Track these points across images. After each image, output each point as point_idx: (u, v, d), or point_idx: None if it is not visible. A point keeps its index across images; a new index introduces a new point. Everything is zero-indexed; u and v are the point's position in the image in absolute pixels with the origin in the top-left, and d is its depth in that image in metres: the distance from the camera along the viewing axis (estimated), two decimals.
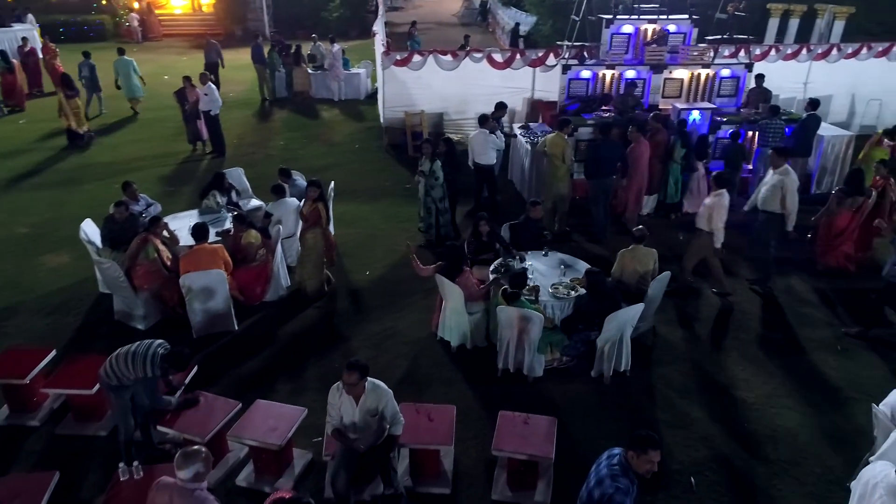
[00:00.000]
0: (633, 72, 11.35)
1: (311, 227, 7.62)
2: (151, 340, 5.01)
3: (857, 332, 7.06)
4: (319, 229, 7.67)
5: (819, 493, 5.10)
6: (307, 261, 7.75)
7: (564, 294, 6.50)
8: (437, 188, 8.73)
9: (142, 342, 5.00)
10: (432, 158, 8.62)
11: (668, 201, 9.88)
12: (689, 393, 6.22)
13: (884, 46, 13.04)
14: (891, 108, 13.58)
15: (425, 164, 8.66)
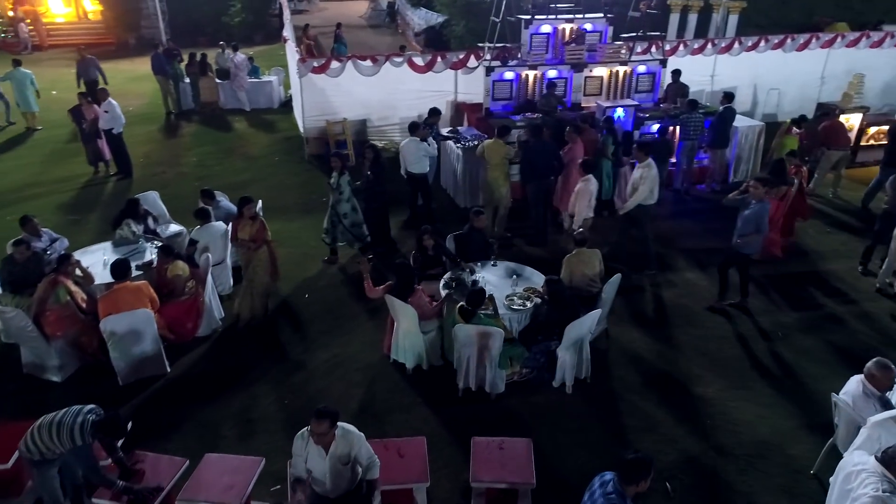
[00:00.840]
0: (554, 71, 11.41)
1: (259, 247, 7.11)
2: (80, 407, 4.40)
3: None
4: (266, 248, 7.18)
5: (787, 484, 5.20)
6: (255, 286, 7.22)
7: (521, 305, 6.35)
8: (343, 203, 8.31)
9: (68, 410, 4.38)
10: (340, 172, 8.26)
11: (603, 198, 9.96)
12: (650, 394, 6.23)
13: (779, 39, 13.79)
14: (788, 97, 14.43)
15: (333, 177, 8.30)
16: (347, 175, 8.32)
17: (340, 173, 8.28)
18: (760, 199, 7.01)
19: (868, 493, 3.36)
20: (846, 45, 14.08)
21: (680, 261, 8.69)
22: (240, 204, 7.12)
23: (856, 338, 7.04)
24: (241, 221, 7.09)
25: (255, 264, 7.11)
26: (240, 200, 7.17)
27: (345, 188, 8.29)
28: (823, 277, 8.26)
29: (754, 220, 7.02)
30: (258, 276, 7.16)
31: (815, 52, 14.05)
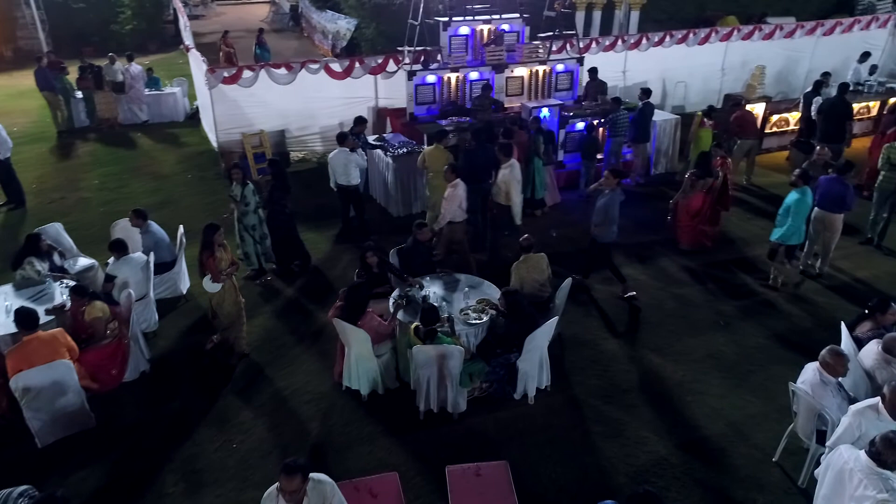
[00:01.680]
0: (476, 73, 11.34)
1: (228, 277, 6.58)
2: (7, 492, 3.79)
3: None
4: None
5: (754, 474, 5.30)
6: (237, 318, 6.69)
7: (477, 319, 6.15)
8: (250, 215, 7.98)
9: None
10: (243, 183, 7.89)
11: (536, 197, 9.96)
12: (611, 396, 6.21)
13: (682, 34, 14.37)
14: (694, 89, 15.07)
15: (235, 189, 7.90)
16: (251, 185, 7.95)
17: (243, 184, 7.88)
18: (613, 189, 7.37)
19: (871, 496, 3.41)
20: (742, 38, 14.85)
21: (617, 256, 8.78)
22: (209, 233, 6.46)
23: (791, 321, 7.35)
24: (214, 251, 6.44)
25: (229, 296, 6.57)
26: (206, 229, 6.53)
27: (250, 199, 7.90)
28: (752, 263, 8.61)
29: (604, 209, 7.37)
30: (237, 310, 6.66)
31: (715, 45, 14.74)
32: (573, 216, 10.08)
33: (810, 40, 15.51)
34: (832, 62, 15.77)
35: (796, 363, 6.48)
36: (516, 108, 11.40)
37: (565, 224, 9.80)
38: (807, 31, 15.30)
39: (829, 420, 4.80)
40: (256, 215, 8.03)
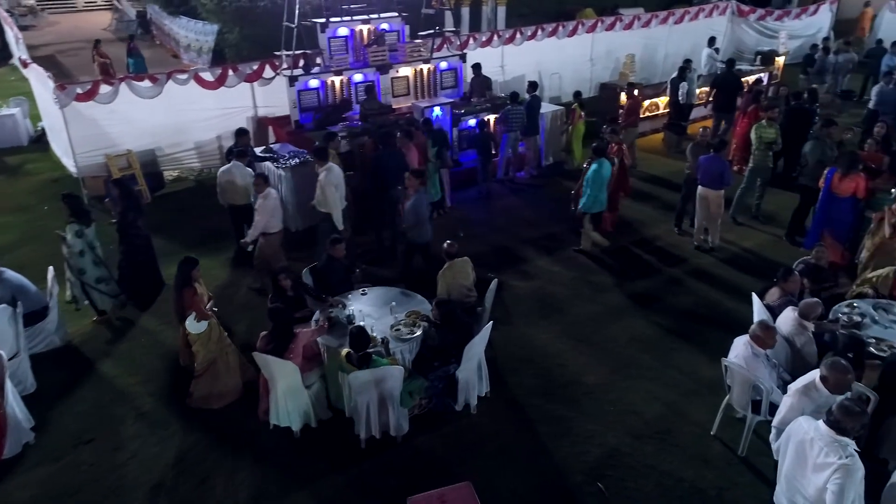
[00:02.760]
0: (360, 75, 10.97)
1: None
2: None
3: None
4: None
5: (699, 452, 5.45)
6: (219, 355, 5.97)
7: (409, 333, 5.85)
8: (76, 258, 7.03)
9: None
10: (69, 220, 6.98)
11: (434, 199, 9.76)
12: (551, 393, 6.17)
13: (552, 27, 14.82)
14: (566, 80, 15.55)
15: (69, 229, 6.98)
16: (80, 226, 7.00)
17: (69, 221, 6.97)
18: (416, 190, 7.33)
19: (833, 462, 3.54)
20: (605, 29, 15.58)
21: (528, 250, 8.84)
22: (187, 268, 6.01)
23: (698, 295, 7.72)
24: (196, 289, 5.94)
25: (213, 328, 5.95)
26: (183, 265, 6.04)
27: (73, 242, 6.97)
28: (651, 244, 8.98)
29: (413, 211, 7.31)
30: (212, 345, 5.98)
31: (582, 37, 15.34)
32: (476, 214, 10.03)
33: (664, 29, 16.57)
34: (684, 48, 16.98)
35: (711, 336, 6.90)
36: (404, 108, 11.18)
37: (469, 223, 9.72)
38: (661, 21, 16.34)
39: (763, 390, 5.03)
40: (86, 258, 7.07)
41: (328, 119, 10.18)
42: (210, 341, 5.92)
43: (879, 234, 6.75)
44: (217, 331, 6.02)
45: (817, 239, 7.87)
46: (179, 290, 5.98)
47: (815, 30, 19.08)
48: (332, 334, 5.87)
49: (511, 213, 10.04)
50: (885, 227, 6.69)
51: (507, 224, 9.64)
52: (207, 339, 5.91)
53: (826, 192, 7.63)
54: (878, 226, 6.84)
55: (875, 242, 6.79)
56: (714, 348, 6.66)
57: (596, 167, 8.14)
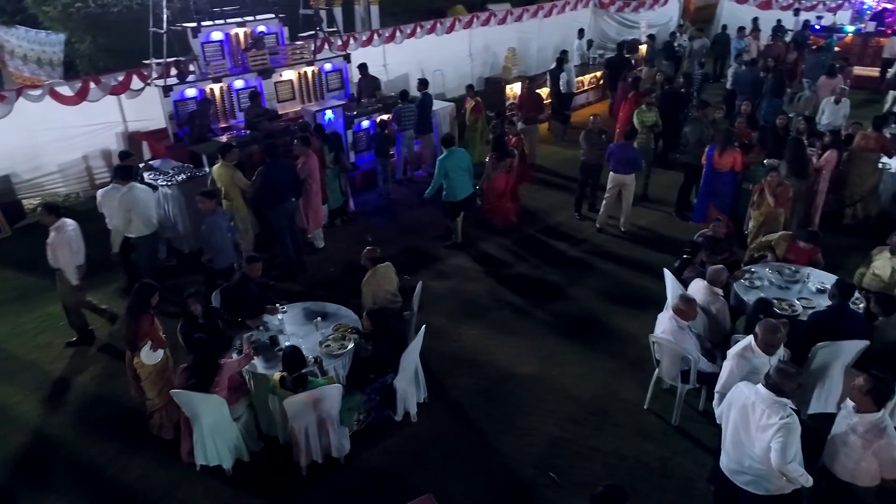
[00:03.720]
0: (241, 81, 10.38)
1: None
2: None
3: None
4: None
5: (636, 427, 5.64)
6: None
7: (341, 348, 5.57)
8: None
9: None
10: None
11: (333, 207, 9.43)
12: (488, 390, 6.14)
13: (431, 24, 14.86)
14: (448, 76, 15.67)
15: None
16: None
17: None
18: (212, 212, 6.81)
19: (775, 422, 3.75)
20: (481, 25, 15.86)
21: (439, 249, 8.78)
22: (146, 294, 5.52)
23: (608, 275, 8.03)
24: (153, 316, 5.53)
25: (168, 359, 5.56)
26: (140, 290, 5.54)
27: None
28: (556, 230, 9.23)
29: (207, 235, 6.87)
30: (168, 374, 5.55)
31: (460, 33, 15.52)
32: (381, 217, 9.83)
33: (535, 23, 17.15)
34: (555, 40, 17.72)
35: (627, 314, 7.20)
36: (291, 114, 10.73)
37: (375, 226, 9.50)
38: (531, 15, 16.89)
39: (691, 360, 5.30)
40: None
41: (200, 131, 9.48)
42: (166, 371, 5.44)
43: (765, 205, 7.34)
44: (171, 362, 5.57)
45: (704, 212, 8.47)
46: (136, 317, 5.39)
47: (667, 19, 20.61)
48: (256, 359, 5.48)
49: (416, 212, 9.93)
50: (768, 198, 7.28)
51: (414, 224, 9.53)
52: (163, 369, 5.39)
53: (709, 167, 8.22)
54: (760, 197, 7.42)
55: (763, 212, 7.37)
56: (632, 325, 6.99)
57: (445, 155, 8.30)
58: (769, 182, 7.43)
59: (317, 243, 8.75)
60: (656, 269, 7.79)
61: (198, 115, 9.47)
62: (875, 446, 3.94)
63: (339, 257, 8.61)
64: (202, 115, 9.50)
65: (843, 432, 4.09)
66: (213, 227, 6.83)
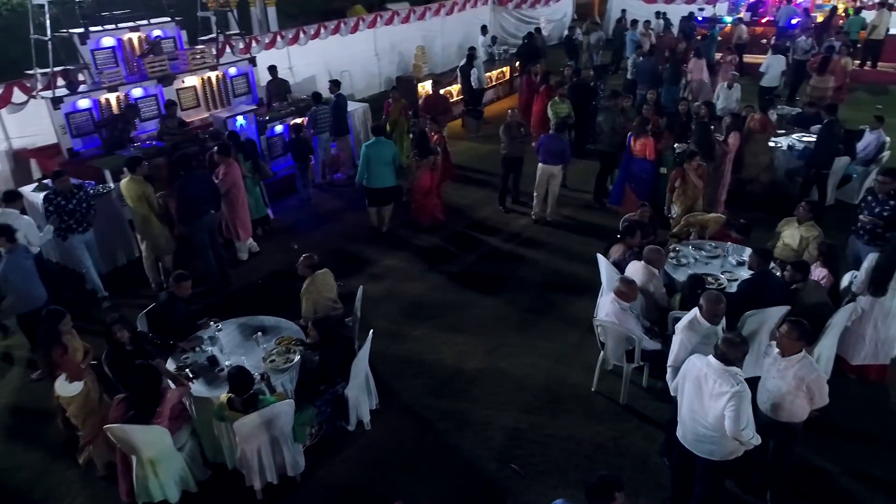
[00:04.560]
0: (139, 90, 9.74)
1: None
2: None
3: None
4: None
5: (588, 411, 5.77)
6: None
7: (287, 362, 5.33)
8: None
9: None
10: None
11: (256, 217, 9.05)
12: (438, 390, 6.09)
13: (335, 24, 14.57)
14: (356, 76, 15.47)
15: None
16: None
17: None
18: (10, 250, 5.94)
19: (727, 391, 3.93)
20: (385, 24, 15.74)
21: (369, 251, 8.62)
22: (51, 322, 5.07)
23: (540, 264, 8.18)
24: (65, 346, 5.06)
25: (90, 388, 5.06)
26: (46, 319, 5.09)
27: None
28: (484, 224, 9.30)
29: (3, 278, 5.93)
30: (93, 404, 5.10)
31: (365, 33, 15.36)
32: (304, 223, 9.53)
33: (438, 20, 17.24)
34: (458, 37, 17.92)
35: (563, 300, 7.37)
36: (197, 121, 10.18)
37: (299, 233, 9.20)
38: (434, 13, 16.95)
39: (636, 340, 5.49)
40: None
41: (121, 136, 8.84)
42: (90, 402, 4.98)
43: (690, 189, 7.69)
44: (96, 390, 5.12)
45: (620, 195, 8.82)
46: (46, 348, 4.99)
47: (562, 14, 21.36)
48: (196, 382, 5.15)
49: (340, 216, 9.71)
50: (694, 181, 7.64)
51: (340, 228, 9.31)
52: (85, 400, 4.94)
53: (627, 153, 8.56)
54: (683, 183, 7.75)
55: (690, 196, 7.72)
56: (570, 311, 7.16)
57: (370, 142, 8.58)
58: (692, 166, 7.79)
59: (240, 255, 8.35)
60: (585, 255, 8.08)
61: (121, 119, 8.83)
62: (807, 382, 4.26)
63: (264, 268, 8.28)
64: (126, 120, 8.86)
65: (776, 378, 4.38)
66: (8, 269, 5.91)
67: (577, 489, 4.86)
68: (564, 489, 4.94)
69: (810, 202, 6.62)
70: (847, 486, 4.94)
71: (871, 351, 5.74)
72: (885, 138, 9.32)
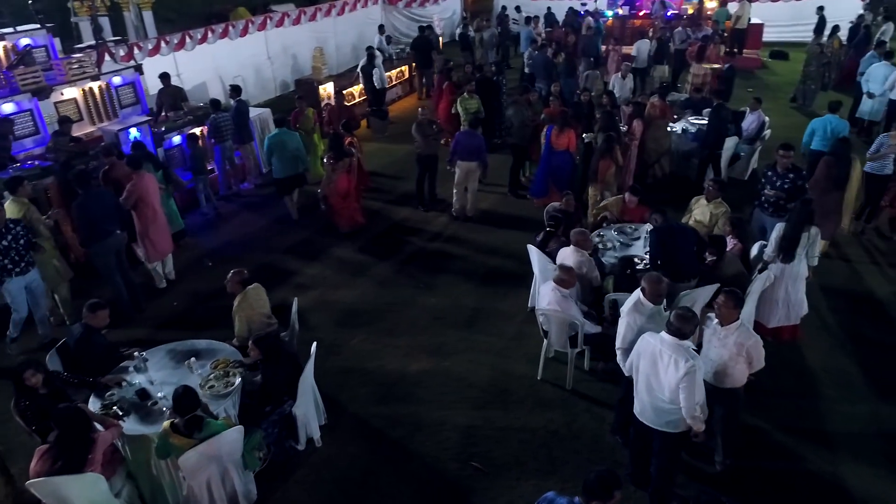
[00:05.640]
0: (11, 105, 8.80)
1: None
2: None
3: None
4: None
5: (538, 399, 5.84)
6: None
7: (227, 385, 4.99)
8: None
9: None
10: None
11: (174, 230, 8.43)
12: (386, 396, 5.94)
13: (222, 27, 13.87)
14: (251, 81, 14.79)
15: None
16: None
17: None
18: None
19: (682, 367, 4.09)
20: (276, 26, 15.19)
21: (291, 262, 8.28)
22: None
23: (466, 259, 8.19)
24: None
25: None
26: None
27: None
28: (405, 226, 9.20)
29: None
30: None
31: (255, 36, 14.74)
32: (215, 238, 9.00)
33: (330, 21, 16.88)
34: (351, 38, 17.67)
35: (495, 293, 7.43)
36: (82, 136, 9.34)
37: (212, 249, 8.68)
38: (325, 13, 16.57)
39: (578, 325, 5.62)
40: None
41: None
42: None
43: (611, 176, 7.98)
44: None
45: (542, 188, 9.02)
46: None
47: (451, 12, 21.59)
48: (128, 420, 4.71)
49: (253, 227, 9.25)
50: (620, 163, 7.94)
51: (255, 240, 8.88)
52: None
53: (547, 146, 8.76)
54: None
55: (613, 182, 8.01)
56: (504, 304, 7.23)
57: (275, 133, 8.91)
58: (616, 152, 8.06)
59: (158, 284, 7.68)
60: (510, 247, 8.21)
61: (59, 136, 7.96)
62: (746, 347, 4.53)
63: (180, 288, 7.74)
64: (2, 136, 7.93)
65: (718, 347, 4.62)
66: None
67: (540, 478, 4.98)
68: (528, 480, 4.98)
69: (718, 181, 7.07)
70: (781, 440, 5.32)
71: (783, 314, 6.21)
72: (764, 117, 10.17)
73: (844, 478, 4.94)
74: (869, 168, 8.01)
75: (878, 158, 7.90)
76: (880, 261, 7.88)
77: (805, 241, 5.89)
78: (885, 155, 7.82)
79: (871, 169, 8.00)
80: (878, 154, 7.88)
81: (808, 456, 5.15)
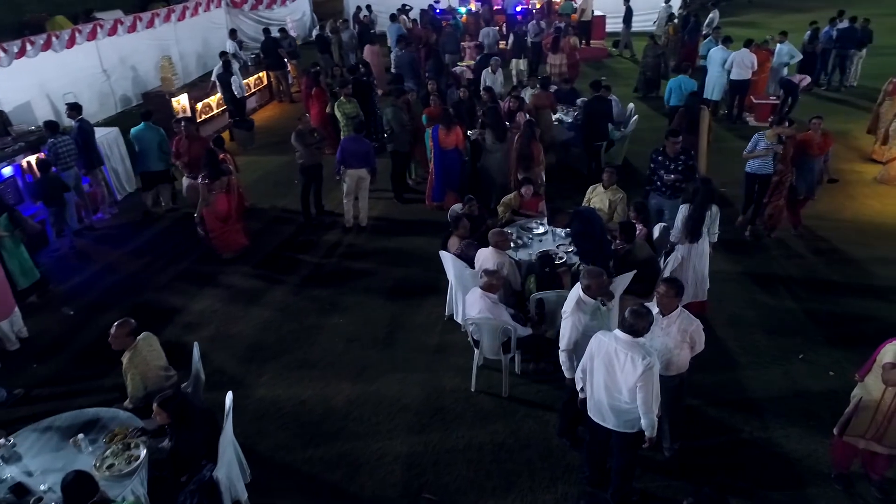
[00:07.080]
0: None
1: None
2: None
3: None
4: None
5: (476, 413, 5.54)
6: None
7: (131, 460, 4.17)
8: None
9: None
10: None
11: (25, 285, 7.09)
12: (313, 437, 5.35)
13: (44, 39, 12.09)
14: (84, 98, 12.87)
15: None
16: None
17: None
18: None
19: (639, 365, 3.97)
20: (108, 35, 13.57)
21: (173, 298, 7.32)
22: None
23: (371, 272, 7.71)
24: None
25: None
26: None
27: None
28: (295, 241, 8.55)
29: None
30: None
31: (85, 47, 13.05)
32: (75, 280, 7.77)
33: (170, 28, 15.43)
34: (195, 45, 16.32)
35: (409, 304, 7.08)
36: None
37: (72, 293, 7.48)
38: (164, 19, 15.10)
39: (511, 330, 5.40)
40: None
41: None
42: None
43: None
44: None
45: (442, 192, 8.74)
46: None
47: (301, 13, 20.71)
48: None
49: (117, 263, 8.12)
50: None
51: (123, 278, 7.77)
52: None
53: (437, 148, 8.46)
54: None
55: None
56: (420, 316, 6.89)
57: (139, 128, 8.88)
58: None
59: (8, 346, 6.42)
60: (412, 255, 7.91)
61: None
62: (689, 333, 4.53)
63: (38, 347, 6.54)
64: None
65: (662, 337, 4.57)
66: None
67: (500, 496, 4.70)
68: (487, 501, 4.68)
69: (614, 167, 7.19)
70: (714, 415, 5.46)
71: (692, 291, 6.41)
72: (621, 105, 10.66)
73: (778, 441, 5.16)
74: (749, 168, 7.84)
75: (755, 157, 7.71)
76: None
77: (707, 218, 6.11)
78: (765, 155, 7.63)
79: (751, 169, 7.81)
80: (754, 153, 7.69)
81: (742, 426, 5.33)
